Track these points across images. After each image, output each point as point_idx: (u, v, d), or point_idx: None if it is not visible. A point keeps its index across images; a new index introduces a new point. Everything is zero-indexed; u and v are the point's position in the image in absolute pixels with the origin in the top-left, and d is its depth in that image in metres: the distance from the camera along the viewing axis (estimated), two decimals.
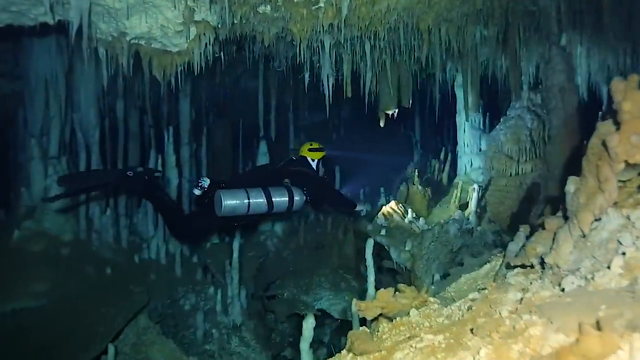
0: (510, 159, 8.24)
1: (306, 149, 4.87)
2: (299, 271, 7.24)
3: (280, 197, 4.29)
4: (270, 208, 4.25)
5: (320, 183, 4.76)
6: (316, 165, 4.83)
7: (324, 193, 4.83)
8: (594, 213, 2.37)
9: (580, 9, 4.63)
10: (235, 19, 4.07)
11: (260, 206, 4.20)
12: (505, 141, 8.28)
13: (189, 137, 7.37)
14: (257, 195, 4.18)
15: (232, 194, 4.11)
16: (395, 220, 6.38)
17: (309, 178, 4.63)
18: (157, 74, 4.30)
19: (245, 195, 4.13)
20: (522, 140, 8.08)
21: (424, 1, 4.17)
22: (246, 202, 4.12)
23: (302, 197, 4.44)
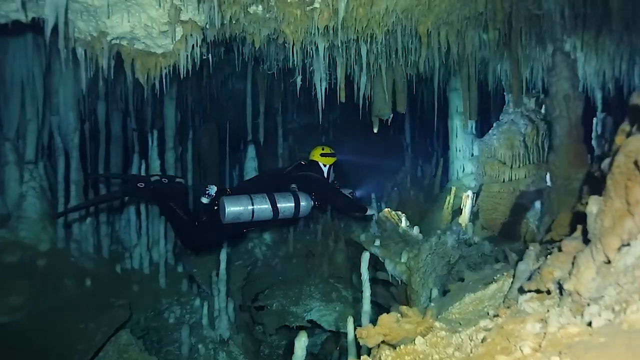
0: (503, 165, 8.10)
1: (318, 154, 4.77)
2: (288, 280, 7.01)
3: (286, 203, 4.22)
4: (275, 214, 4.18)
5: (328, 188, 4.68)
6: (327, 170, 4.75)
7: (333, 198, 4.76)
8: (621, 238, 2.16)
9: (581, 14, 4.49)
10: (224, 20, 3.82)
11: (265, 212, 4.14)
12: (498, 146, 8.14)
13: (174, 141, 7.08)
14: (261, 201, 4.13)
15: (236, 201, 4.06)
16: (389, 229, 6.18)
17: (317, 183, 4.55)
18: (141, 77, 4.03)
19: (249, 201, 4.08)
20: (516, 145, 7.94)
21: (424, 3, 3.96)
22: (250, 208, 4.07)
23: (310, 202, 4.36)
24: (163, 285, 6.23)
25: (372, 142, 10.50)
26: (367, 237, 5.56)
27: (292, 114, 10.51)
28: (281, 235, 7.79)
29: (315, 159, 4.77)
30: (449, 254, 4.85)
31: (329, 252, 7.13)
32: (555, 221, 3.29)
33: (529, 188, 7.83)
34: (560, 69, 3.98)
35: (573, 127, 3.97)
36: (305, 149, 10.99)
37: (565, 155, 4.00)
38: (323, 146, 4.91)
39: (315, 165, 4.72)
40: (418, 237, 5.88)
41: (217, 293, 5.66)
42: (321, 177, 4.66)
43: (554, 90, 4.03)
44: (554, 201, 3.98)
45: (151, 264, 6.37)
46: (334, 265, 7.03)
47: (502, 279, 3.21)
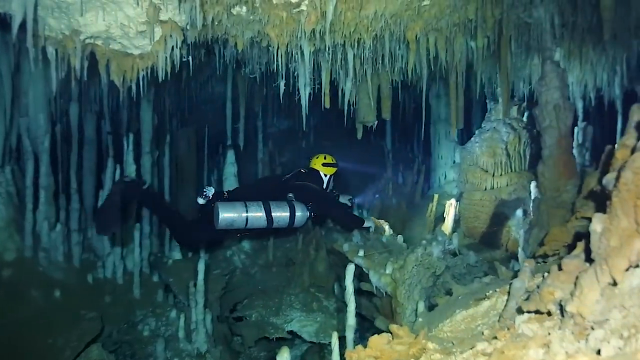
0: (485, 173, 8.07)
1: (320, 163, 4.72)
2: (268, 290, 6.81)
3: (281, 213, 4.19)
4: (269, 223, 4.16)
5: (326, 200, 4.63)
6: (327, 180, 4.71)
7: (329, 210, 4.72)
8: (629, 259, 2.06)
9: (570, 22, 4.46)
10: (206, 21, 3.64)
11: (259, 221, 4.11)
12: (480, 154, 8.11)
13: (150, 145, 6.81)
14: (256, 209, 4.10)
15: (230, 207, 4.04)
16: (372, 238, 6.06)
17: (315, 193, 4.50)
18: (116, 79, 3.80)
19: (244, 208, 4.05)
20: (498, 153, 7.92)
21: (413, 8, 3.86)
22: (244, 215, 4.04)
23: (305, 213, 4.31)
24: (137, 296, 5.96)
25: (353, 148, 10.39)
26: (350, 247, 5.42)
27: (272, 119, 10.33)
28: (261, 243, 7.59)
29: (316, 167, 4.70)
30: (434, 265, 4.73)
31: (310, 261, 6.96)
32: (549, 235, 3.20)
33: (510, 196, 7.82)
34: (550, 79, 3.92)
35: (562, 138, 3.92)
36: (285, 154, 10.91)
37: (554, 166, 3.94)
38: (325, 155, 4.85)
39: (315, 174, 4.65)
40: (402, 246, 5.76)
41: (194, 304, 5.43)
42: (319, 189, 4.59)
43: (543, 100, 3.97)
44: (544, 213, 3.91)
45: (125, 274, 6.09)
46: (315, 274, 6.86)
47: (496, 295, 3.09)
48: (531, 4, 3.96)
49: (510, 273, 3.57)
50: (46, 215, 5.70)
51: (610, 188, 2.39)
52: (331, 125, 11.02)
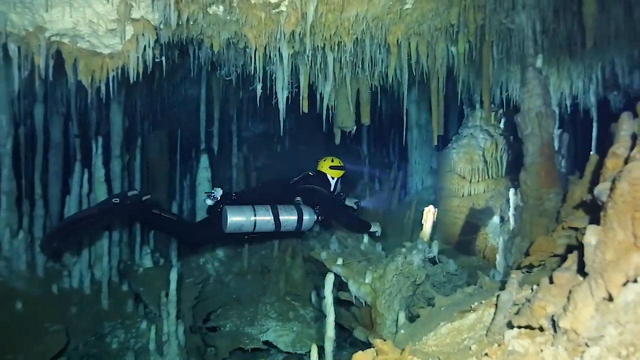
0: (462, 179, 8.08)
1: (327, 166, 4.74)
2: (242, 299, 6.62)
3: (289, 216, 4.23)
4: (277, 227, 4.21)
5: (333, 203, 4.66)
6: (335, 183, 4.74)
7: (337, 214, 4.74)
8: (626, 274, 1.98)
9: (551, 29, 4.45)
10: (181, 20, 3.46)
11: (267, 224, 4.16)
12: (457, 160, 8.10)
13: (120, 148, 6.53)
14: (264, 213, 4.14)
15: (239, 211, 4.07)
16: (350, 245, 5.95)
17: (322, 197, 4.52)
18: (84, 79, 3.58)
19: (252, 212, 4.09)
20: (475, 160, 7.94)
21: (395, 12, 3.77)
22: (252, 219, 4.08)
23: (313, 216, 4.36)
24: (106, 307, 5.69)
25: (329, 153, 10.28)
26: (328, 255, 5.28)
27: (248, 122, 10.15)
28: (235, 250, 7.39)
29: (323, 170, 4.73)
30: (415, 274, 4.64)
31: (286, 268, 6.80)
32: (534, 245, 3.13)
33: (487, 203, 7.84)
34: (532, 86, 3.88)
35: (545, 145, 3.88)
36: (261, 158, 10.73)
37: (536, 174, 3.90)
38: (332, 157, 4.87)
39: (323, 177, 4.68)
40: (381, 254, 5.66)
41: (166, 315, 5.20)
42: (327, 192, 4.62)
43: (525, 107, 3.92)
44: (526, 222, 3.86)
45: (93, 283, 5.81)
46: (291, 282, 6.71)
47: (482, 307, 3.00)
48: (513, 10, 3.92)
49: (494, 283, 3.49)
50: (8, 222, 5.39)
51: (603, 199, 2.32)
52: (307, 129, 10.90)
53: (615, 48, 5.38)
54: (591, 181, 2.97)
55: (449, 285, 5.28)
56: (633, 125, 2.51)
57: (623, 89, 7.85)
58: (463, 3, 3.77)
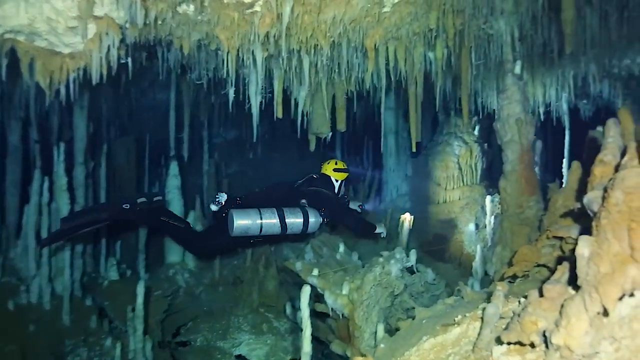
0: (437, 186, 8.05)
1: (331, 169, 4.76)
2: (214, 311, 6.37)
3: (295, 219, 4.26)
4: (283, 230, 4.25)
5: (338, 205, 4.68)
6: (339, 185, 4.77)
7: (342, 215, 4.74)
8: (622, 287, 1.88)
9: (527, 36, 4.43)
10: (148, 19, 3.26)
11: (273, 227, 4.20)
12: (432, 167, 8.09)
13: (84, 155, 6.21)
14: (270, 216, 4.17)
15: (245, 214, 4.09)
16: (325, 255, 5.79)
17: (327, 199, 4.55)
18: (42, 80, 3.32)
19: (258, 215, 4.11)
20: (450, 167, 7.93)
21: (373, 15, 3.65)
22: (258, 222, 4.11)
23: (318, 219, 4.38)
24: (67, 323, 5.35)
25: (304, 160, 10.13)
26: (303, 266, 5.10)
27: (219, 128, 9.89)
28: (206, 260, 7.13)
29: (327, 173, 4.75)
30: (393, 284, 4.51)
31: (259, 279, 6.60)
32: (518, 255, 3.05)
33: (463, 210, 7.82)
34: (511, 92, 3.82)
35: (524, 153, 3.82)
36: (232, 165, 10.48)
37: (516, 182, 3.83)
38: (336, 160, 4.90)
39: (327, 180, 4.70)
40: (357, 263, 5.53)
41: (132, 331, 4.92)
42: (332, 194, 4.66)
43: (505, 113, 3.86)
44: (507, 230, 3.79)
45: (53, 298, 5.45)
46: (265, 293, 6.50)
47: (466, 321, 2.88)
48: (492, 16, 3.86)
49: (476, 294, 3.38)
50: None
51: (594, 208, 2.23)
52: (281, 136, 10.71)
53: (588, 56, 5.42)
54: (579, 190, 2.90)
55: (427, 294, 5.18)
56: (620, 132, 2.45)
57: (592, 97, 7.99)
58: (442, 7, 3.69)
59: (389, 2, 3.55)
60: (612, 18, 4.07)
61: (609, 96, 7.81)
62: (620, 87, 7.59)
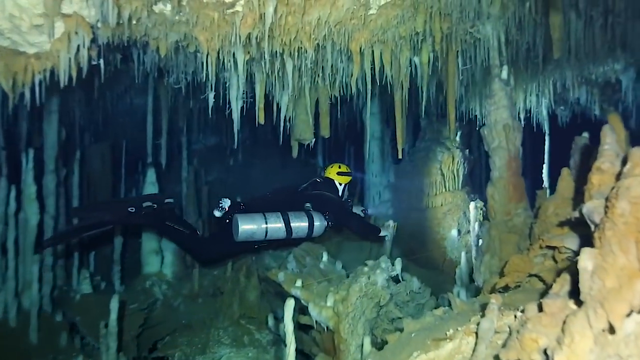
0: (420, 192, 7.97)
1: (334, 172, 4.80)
2: (193, 324, 6.14)
3: (300, 223, 4.29)
4: (289, 233, 4.27)
5: (343, 209, 4.68)
6: (342, 189, 4.80)
7: (346, 219, 4.73)
8: (630, 303, 1.77)
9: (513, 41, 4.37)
10: (121, 18, 3.07)
11: (279, 232, 4.22)
12: (415, 174, 8.01)
13: (55, 162, 5.93)
14: (275, 220, 4.18)
15: (250, 219, 4.09)
16: (308, 264, 5.62)
17: (332, 203, 4.56)
18: (4, 82, 3.10)
19: (263, 220, 4.13)
20: (433, 173, 7.87)
21: (359, 17, 3.53)
22: (264, 227, 4.13)
23: (323, 222, 4.40)
24: (35, 341, 5.05)
25: (285, 167, 9.97)
26: (286, 276, 4.93)
27: (198, 134, 9.66)
28: (185, 270, 6.89)
29: (331, 177, 4.78)
30: (379, 295, 4.37)
31: (240, 289, 6.38)
32: (509, 265, 2.94)
33: (445, 216, 7.75)
34: (499, 97, 3.74)
35: (512, 159, 3.74)
36: (212, 172, 10.25)
37: (504, 189, 3.74)
38: (339, 164, 4.96)
39: (331, 183, 4.73)
40: (341, 273, 5.38)
41: (105, 349, 4.67)
42: (336, 198, 4.67)
43: (492, 119, 3.78)
44: (495, 239, 3.69)
45: (20, 314, 5.16)
46: (246, 305, 6.29)
47: (459, 335, 2.74)
48: (479, 20, 3.79)
49: (466, 305, 3.26)
50: None
51: (595, 219, 2.12)
52: (262, 142, 10.53)
53: (571, 62, 5.41)
54: (574, 198, 2.81)
55: (412, 303, 5.06)
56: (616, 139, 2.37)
57: (570, 104, 8.05)
58: (429, 11, 3.60)
59: (375, 4, 3.44)
60: (597, 23, 4.03)
61: (586, 102, 7.88)
62: (597, 93, 7.66)
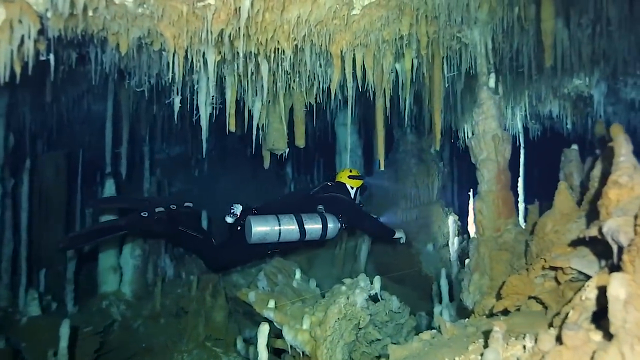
0: (394, 206, 7.76)
1: (345, 176, 4.75)
2: (154, 347, 5.68)
3: (313, 225, 4.21)
4: (302, 235, 4.19)
5: (356, 209, 4.65)
6: (354, 193, 4.73)
7: (360, 220, 4.70)
8: None
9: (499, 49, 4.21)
10: (75, 8, 2.69)
11: (292, 233, 4.15)
12: (389, 186, 7.81)
13: (2, 171, 5.39)
14: (288, 222, 4.13)
15: (263, 220, 4.05)
16: (280, 283, 5.28)
17: (345, 204, 4.51)
18: None
19: (276, 221, 4.08)
20: (407, 185, 7.69)
21: (341, 17, 3.26)
22: (277, 229, 4.07)
23: (337, 224, 4.33)
24: None
25: (254, 178, 9.60)
26: (257, 296, 4.57)
27: (162, 143, 9.17)
28: (145, 289, 6.41)
29: (342, 180, 4.72)
30: (358, 316, 4.07)
31: (206, 309, 5.97)
32: (507, 286, 2.70)
33: (420, 229, 7.55)
34: (487, 107, 3.54)
35: (501, 172, 3.53)
36: (176, 183, 9.76)
37: (493, 203, 3.53)
38: (350, 168, 4.94)
39: (342, 187, 4.67)
40: (315, 292, 5.07)
41: None
42: (349, 200, 4.62)
43: (480, 129, 3.57)
44: (485, 256, 3.46)
45: None
46: (212, 325, 5.88)
47: None
48: (466, 25, 3.59)
49: (457, 329, 2.99)
50: None
51: (620, 239, 1.89)
52: (230, 152, 10.12)
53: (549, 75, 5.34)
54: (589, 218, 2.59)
55: (391, 324, 4.77)
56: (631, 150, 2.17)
57: (542, 117, 8.06)
58: (415, 13, 3.37)
59: (359, 4, 3.19)
60: (585, 32, 3.91)
61: (559, 116, 7.90)
62: (570, 107, 7.69)
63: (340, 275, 7.25)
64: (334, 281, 6.94)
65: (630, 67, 5.28)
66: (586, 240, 2.05)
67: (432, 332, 3.27)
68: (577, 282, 2.58)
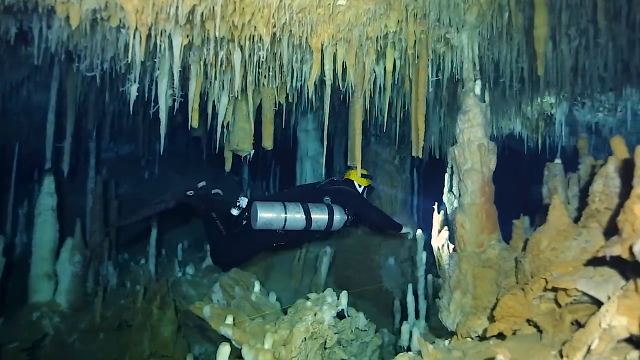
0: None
1: (355, 174, 4.69)
2: None
3: (320, 214, 4.18)
4: (308, 224, 4.14)
5: (363, 200, 4.68)
6: (362, 191, 4.75)
7: (367, 212, 4.68)
8: None
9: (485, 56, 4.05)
10: None
11: (298, 222, 4.11)
12: None
13: None
14: (294, 209, 4.10)
15: (269, 207, 4.05)
16: (237, 296, 4.87)
17: (352, 196, 4.51)
18: None
19: (282, 208, 4.06)
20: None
21: (326, 6, 2.97)
22: (283, 216, 4.04)
23: (343, 216, 4.32)
24: None
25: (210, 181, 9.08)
26: (213, 311, 4.13)
27: (110, 140, 8.50)
28: (84, 299, 5.79)
29: (351, 178, 4.68)
30: (325, 335, 3.74)
31: (152, 323, 5.44)
32: (501, 307, 2.45)
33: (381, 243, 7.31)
34: (473, 114, 3.34)
35: (486, 183, 3.33)
36: (124, 185, 9.08)
37: (477, 217, 3.31)
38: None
39: (350, 184, 4.64)
40: (275, 306, 4.69)
41: None
42: (357, 192, 4.61)
43: (465, 138, 3.36)
44: (467, 273, 3.22)
45: None
46: (159, 341, 5.35)
47: None
48: (455, 28, 3.39)
49: (440, 353, 2.72)
50: None
51: None
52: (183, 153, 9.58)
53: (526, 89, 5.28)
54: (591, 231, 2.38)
55: (356, 342, 4.48)
56: None
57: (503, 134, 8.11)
58: (404, 9, 3.12)
59: None
60: (573, 43, 3.82)
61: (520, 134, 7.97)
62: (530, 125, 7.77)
63: (298, 289, 6.89)
64: (291, 294, 6.59)
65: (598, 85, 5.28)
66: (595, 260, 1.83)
67: (409, 354, 2.98)
68: (577, 304, 2.37)
